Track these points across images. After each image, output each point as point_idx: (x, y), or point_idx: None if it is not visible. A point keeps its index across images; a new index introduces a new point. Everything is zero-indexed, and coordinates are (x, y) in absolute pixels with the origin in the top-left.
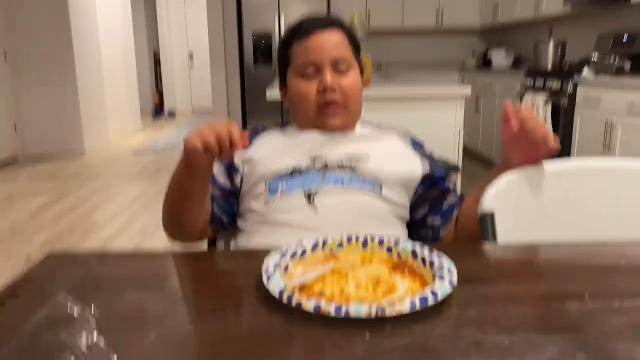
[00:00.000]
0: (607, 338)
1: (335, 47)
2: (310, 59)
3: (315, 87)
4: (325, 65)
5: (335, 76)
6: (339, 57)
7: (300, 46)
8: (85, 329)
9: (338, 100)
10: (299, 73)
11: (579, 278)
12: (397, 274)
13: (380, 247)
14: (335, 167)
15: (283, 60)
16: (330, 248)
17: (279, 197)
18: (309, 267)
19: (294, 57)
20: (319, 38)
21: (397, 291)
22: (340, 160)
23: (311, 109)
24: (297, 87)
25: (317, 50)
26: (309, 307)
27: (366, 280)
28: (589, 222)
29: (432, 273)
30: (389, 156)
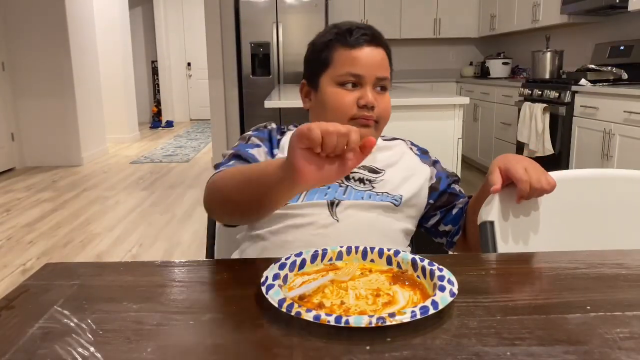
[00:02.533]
0: (609, 348)
1: (381, 66)
2: (356, 71)
3: (354, 100)
4: (368, 82)
5: (374, 94)
6: (382, 77)
7: (346, 54)
8: (81, 341)
9: (373, 118)
10: (338, 81)
11: (580, 288)
12: (397, 284)
13: (380, 257)
14: (356, 179)
15: (319, 61)
16: (329, 258)
17: (300, 200)
18: (309, 278)
19: (336, 63)
20: (368, 53)
21: (398, 302)
22: (361, 173)
23: (344, 120)
24: (335, 95)
25: (364, 65)
26: (309, 317)
27: (366, 291)
28: (589, 232)
29: (432, 284)
30: (404, 171)
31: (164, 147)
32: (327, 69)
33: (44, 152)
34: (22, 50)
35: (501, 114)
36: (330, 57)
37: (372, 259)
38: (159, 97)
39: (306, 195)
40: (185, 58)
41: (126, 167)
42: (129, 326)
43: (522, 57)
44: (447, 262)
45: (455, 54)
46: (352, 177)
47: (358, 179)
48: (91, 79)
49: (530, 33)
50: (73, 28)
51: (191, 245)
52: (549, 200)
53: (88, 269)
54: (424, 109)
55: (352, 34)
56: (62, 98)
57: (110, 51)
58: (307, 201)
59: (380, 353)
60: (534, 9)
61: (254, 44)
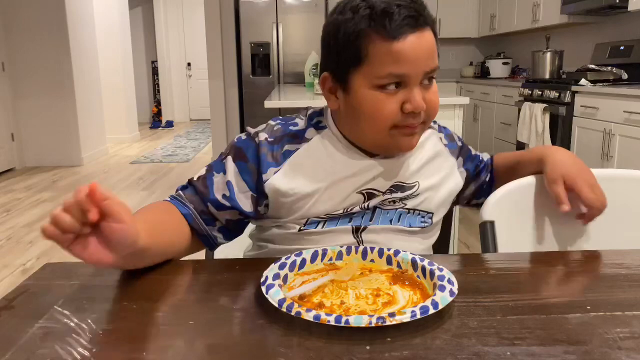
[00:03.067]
0: (609, 348)
1: (430, 55)
2: (402, 71)
3: (397, 106)
4: (415, 81)
5: (422, 92)
6: (433, 69)
7: (386, 48)
8: (81, 341)
9: (420, 123)
10: (377, 83)
11: (580, 288)
12: (397, 284)
13: (380, 257)
14: (385, 202)
15: (348, 53)
16: (329, 258)
17: (321, 227)
18: (308, 278)
19: (373, 59)
20: (415, 43)
21: (398, 302)
22: (390, 193)
23: (385, 131)
24: (374, 102)
25: (411, 61)
26: (309, 317)
27: (366, 291)
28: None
29: (432, 283)
30: (436, 175)
31: (164, 147)
32: (360, 66)
33: (44, 152)
34: (22, 50)
35: (501, 114)
36: (364, 52)
37: (372, 259)
38: (159, 97)
39: (326, 223)
40: (185, 58)
41: (126, 167)
42: (129, 326)
43: (522, 57)
44: (447, 262)
45: (455, 54)
46: (381, 203)
47: (388, 201)
48: (91, 79)
49: (530, 33)
50: (73, 28)
51: None
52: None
53: (88, 269)
54: None
55: (393, 18)
56: (62, 98)
57: (110, 51)
58: (328, 227)
59: (380, 353)
60: (534, 9)
61: (254, 44)
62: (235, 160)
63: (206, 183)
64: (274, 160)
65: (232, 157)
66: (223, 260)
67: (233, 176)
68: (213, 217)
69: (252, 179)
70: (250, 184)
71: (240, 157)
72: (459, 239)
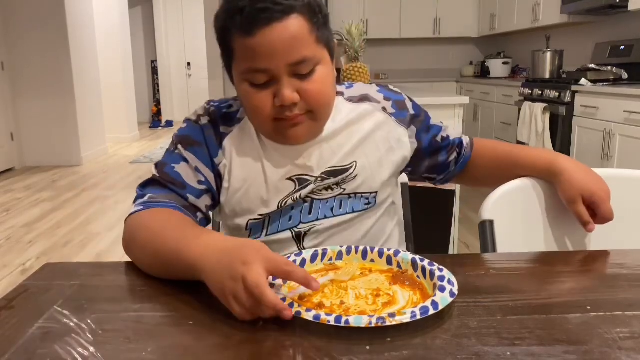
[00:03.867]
0: (609, 348)
1: (292, 46)
2: (259, 66)
3: (270, 99)
4: (281, 75)
5: (295, 83)
6: (299, 60)
7: (242, 43)
8: (81, 341)
9: (300, 113)
10: (246, 78)
11: (580, 288)
12: (397, 284)
13: (380, 257)
14: (321, 189)
15: (222, 49)
16: (329, 258)
17: (264, 235)
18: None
19: (237, 55)
20: (268, 36)
21: (398, 302)
22: (323, 180)
23: (267, 124)
24: (246, 97)
25: (268, 55)
26: (308, 316)
27: (366, 291)
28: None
29: (432, 284)
30: (378, 150)
31: (164, 147)
32: (232, 60)
33: (44, 152)
34: (22, 50)
35: (501, 113)
36: (230, 47)
37: (372, 259)
38: (158, 96)
39: (269, 227)
40: (185, 58)
41: (126, 166)
42: (129, 326)
43: (522, 57)
44: (447, 262)
45: (455, 53)
46: (316, 189)
47: (323, 188)
48: (91, 79)
49: (530, 33)
50: (73, 28)
51: None
52: (549, 200)
53: (88, 269)
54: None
55: (244, 13)
56: (61, 98)
57: (110, 51)
58: (270, 235)
59: (380, 353)
60: (534, 9)
61: None
62: (186, 148)
63: (172, 177)
64: (217, 143)
65: (182, 147)
66: None
67: (195, 162)
68: (194, 209)
69: (209, 161)
70: (210, 166)
71: (191, 144)
72: (459, 239)
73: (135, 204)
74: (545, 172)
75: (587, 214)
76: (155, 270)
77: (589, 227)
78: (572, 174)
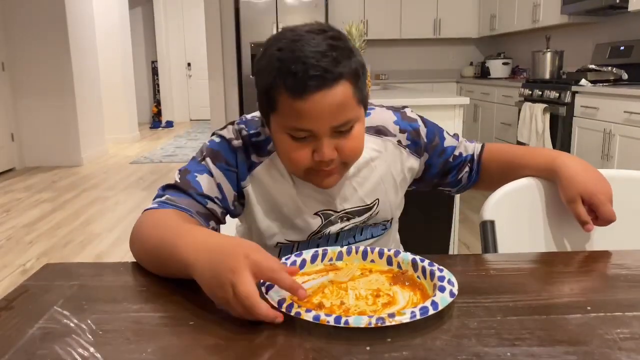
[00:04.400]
0: (609, 349)
1: (338, 111)
2: (304, 126)
3: (308, 154)
4: (323, 135)
5: (334, 141)
6: (342, 123)
7: (290, 104)
8: (81, 341)
9: (335, 166)
10: (287, 132)
11: (580, 288)
12: (397, 285)
13: (380, 258)
14: (344, 228)
15: (264, 99)
16: (329, 259)
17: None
18: (308, 279)
19: (282, 111)
20: (318, 102)
21: (398, 303)
22: (352, 217)
23: (301, 172)
24: (286, 147)
25: (314, 119)
26: (308, 317)
27: (366, 291)
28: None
29: (432, 284)
30: (394, 186)
31: (164, 148)
32: (273, 112)
33: (44, 152)
34: (22, 50)
35: (501, 114)
36: (274, 101)
37: (372, 259)
38: (158, 97)
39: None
40: (185, 58)
41: (126, 167)
42: (129, 326)
43: (522, 57)
44: (447, 263)
45: (455, 54)
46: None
47: (347, 228)
48: (91, 79)
49: (530, 33)
50: (73, 28)
51: None
52: (550, 200)
53: (88, 269)
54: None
55: (297, 77)
56: (62, 98)
57: (110, 51)
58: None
59: (380, 353)
60: (534, 9)
61: (254, 44)
62: (215, 163)
63: (191, 184)
64: (247, 169)
65: (211, 160)
66: None
67: (220, 178)
68: (209, 216)
69: (234, 182)
70: (234, 186)
71: (220, 160)
72: (459, 239)
73: (152, 201)
74: (546, 171)
75: (585, 214)
76: (154, 267)
77: (586, 227)
78: (572, 173)
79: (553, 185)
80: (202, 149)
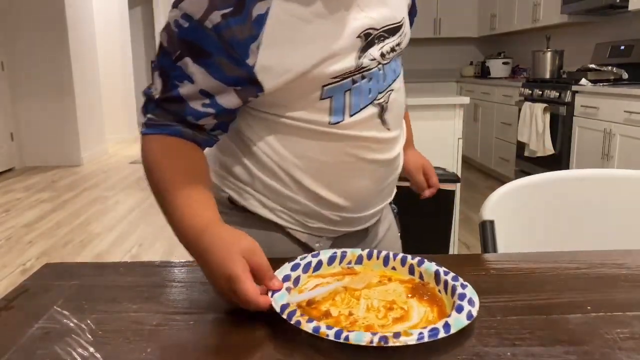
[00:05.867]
0: (609, 349)
1: None
2: None
3: None
4: None
5: None
6: None
7: None
8: (81, 341)
9: None
10: None
11: (580, 288)
12: (415, 297)
13: (402, 266)
14: (389, 50)
15: None
16: (348, 262)
17: (347, 117)
18: (323, 281)
19: None
20: None
21: (411, 319)
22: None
23: None
24: None
25: None
26: (308, 328)
27: (379, 302)
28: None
29: (452, 302)
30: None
31: None
32: None
33: (44, 152)
34: (22, 50)
35: (501, 113)
36: None
37: (393, 267)
38: None
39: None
40: None
41: (126, 167)
42: (128, 326)
43: (522, 57)
44: (448, 262)
45: (455, 53)
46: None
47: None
48: (91, 79)
49: (530, 33)
50: (73, 28)
51: None
52: (550, 200)
53: (88, 269)
54: (424, 109)
55: None
56: (61, 98)
57: (110, 51)
58: (354, 116)
59: (381, 352)
60: (534, 9)
61: None
62: (195, 61)
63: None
64: (248, 35)
65: (190, 57)
66: None
67: (202, 82)
68: (197, 129)
69: (228, 74)
70: (228, 80)
71: (199, 54)
72: (459, 239)
73: (141, 119)
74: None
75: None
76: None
77: (425, 193)
78: (414, 150)
79: (553, 186)
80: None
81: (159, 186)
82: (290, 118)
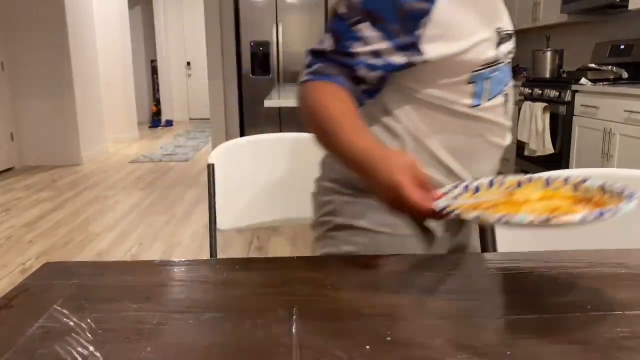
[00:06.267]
0: (610, 348)
1: None
2: None
3: None
4: None
5: None
6: None
7: None
8: (81, 340)
9: None
10: None
11: (580, 287)
12: (581, 204)
13: (565, 184)
14: (508, 51)
15: None
16: (507, 187)
17: (484, 102)
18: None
19: None
20: None
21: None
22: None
23: None
24: None
25: None
26: (469, 216)
27: (543, 208)
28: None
29: (621, 199)
30: None
31: (164, 147)
32: None
33: (44, 152)
34: (22, 49)
35: None
36: None
37: (555, 187)
38: (158, 96)
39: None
40: (184, 57)
41: (126, 166)
42: (128, 326)
43: (522, 56)
44: (447, 262)
45: None
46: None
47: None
48: (90, 79)
49: (530, 32)
50: (72, 27)
51: (191, 245)
52: None
53: (88, 268)
54: None
55: None
56: (61, 97)
57: (110, 50)
58: (490, 101)
59: (381, 353)
60: (534, 8)
61: (253, 43)
62: (372, 25)
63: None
64: (422, 8)
65: (368, 23)
66: (223, 260)
67: (375, 44)
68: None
69: (401, 40)
70: (400, 44)
71: (376, 20)
72: None
73: (305, 71)
74: None
75: None
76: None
77: None
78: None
79: None
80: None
81: (325, 122)
82: (434, 96)
